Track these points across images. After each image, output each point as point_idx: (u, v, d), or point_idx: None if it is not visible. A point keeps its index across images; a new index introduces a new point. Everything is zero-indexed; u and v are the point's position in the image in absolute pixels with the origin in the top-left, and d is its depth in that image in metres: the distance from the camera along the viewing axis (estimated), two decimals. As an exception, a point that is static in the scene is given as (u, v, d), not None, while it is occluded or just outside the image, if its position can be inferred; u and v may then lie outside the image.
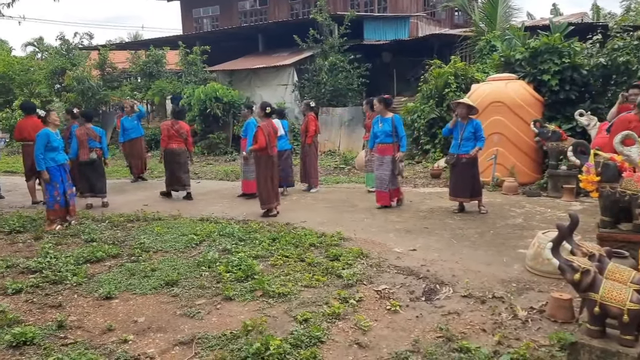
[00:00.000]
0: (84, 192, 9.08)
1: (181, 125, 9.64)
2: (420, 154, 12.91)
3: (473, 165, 7.59)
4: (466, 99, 8.18)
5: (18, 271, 5.62)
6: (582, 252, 3.43)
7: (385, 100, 8.10)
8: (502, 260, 5.48)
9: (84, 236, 6.90)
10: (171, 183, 9.68)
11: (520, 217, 7.27)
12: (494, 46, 13.61)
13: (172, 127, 9.52)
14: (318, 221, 7.44)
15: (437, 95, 12.51)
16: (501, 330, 3.87)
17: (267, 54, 19.12)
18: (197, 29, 26.58)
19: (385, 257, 5.69)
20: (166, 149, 9.54)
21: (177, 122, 9.62)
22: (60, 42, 21.94)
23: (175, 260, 5.79)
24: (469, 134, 7.51)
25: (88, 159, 8.85)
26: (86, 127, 8.98)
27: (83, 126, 9.01)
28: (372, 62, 17.38)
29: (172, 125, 9.55)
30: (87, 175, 9.02)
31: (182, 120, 9.88)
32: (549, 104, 9.79)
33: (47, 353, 3.73)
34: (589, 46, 10.62)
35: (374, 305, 4.45)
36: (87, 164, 8.91)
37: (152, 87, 18.38)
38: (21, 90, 21.79)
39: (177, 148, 9.54)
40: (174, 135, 9.48)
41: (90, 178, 9.04)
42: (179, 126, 9.57)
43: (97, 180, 9.11)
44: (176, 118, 9.79)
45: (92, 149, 8.92)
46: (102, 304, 4.69)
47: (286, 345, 3.61)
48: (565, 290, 4.32)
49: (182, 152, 9.61)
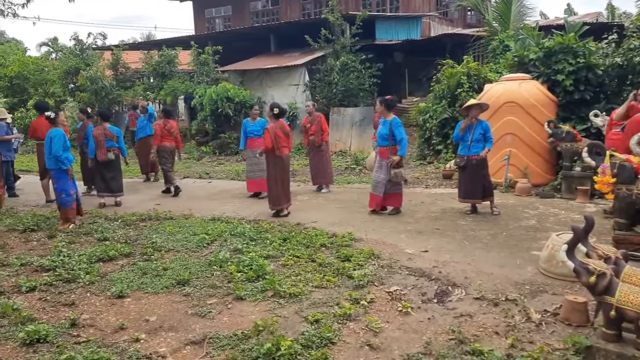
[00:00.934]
0: (100, 192, 9.18)
1: (172, 124, 10.23)
2: (432, 154, 12.84)
3: (483, 166, 7.52)
4: (474, 100, 8.11)
5: (32, 269, 5.67)
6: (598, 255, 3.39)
7: (386, 101, 7.74)
8: (515, 262, 5.43)
9: (96, 235, 6.95)
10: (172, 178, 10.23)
11: (533, 219, 7.20)
12: (507, 46, 13.50)
13: (165, 126, 10.06)
14: (329, 221, 7.43)
15: (450, 96, 12.44)
16: (514, 333, 3.83)
17: (278, 54, 19.13)
18: (210, 29, 26.68)
19: (396, 258, 5.66)
20: (159, 147, 10.02)
21: (168, 121, 10.22)
22: (74, 42, 22.16)
23: (187, 259, 5.81)
24: (478, 136, 7.45)
25: (106, 158, 8.95)
26: (103, 127, 9.05)
27: (100, 126, 9.10)
28: (384, 62, 17.32)
29: (164, 125, 10.08)
30: (104, 174, 9.08)
31: (172, 120, 10.45)
32: (563, 105, 9.69)
33: (59, 351, 3.75)
34: (604, 46, 10.50)
35: (385, 306, 4.43)
36: (105, 164, 9.00)
37: (164, 87, 18.46)
38: (36, 90, 22.00)
39: (168, 146, 10.12)
40: (166, 134, 10.05)
41: (107, 177, 9.10)
42: (170, 125, 10.14)
43: (114, 180, 9.22)
44: (167, 117, 10.32)
45: (109, 149, 9.01)
46: (115, 302, 4.72)
47: (297, 346, 3.60)
48: (580, 293, 4.27)
49: (172, 150, 10.24)
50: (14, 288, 5.11)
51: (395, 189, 7.78)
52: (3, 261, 5.92)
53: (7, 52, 26.70)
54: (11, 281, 5.31)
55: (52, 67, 23.07)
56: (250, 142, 9.46)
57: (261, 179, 9.26)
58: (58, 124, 7.59)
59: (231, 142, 16.28)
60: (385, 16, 19.59)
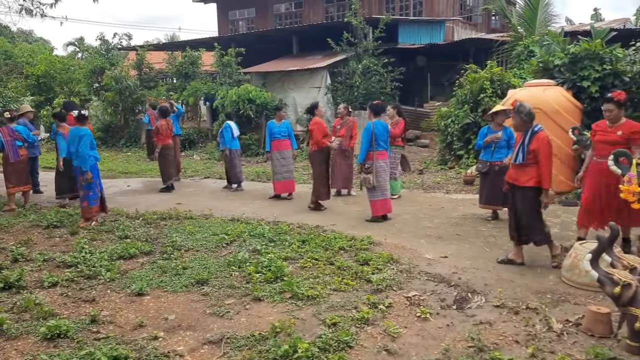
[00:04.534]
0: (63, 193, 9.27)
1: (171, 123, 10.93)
2: (453, 159, 12.74)
3: (505, 172, 7.42)
4: (501, 106, 8.02)
5: (54, 265, 5.77)
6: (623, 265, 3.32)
7: (371, 107, 7.74)
8: (536, 271, 5.35)
9: (118, 232, 7.05)
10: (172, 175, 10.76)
11: (556, 227, 7.08)
12: (532, 51, 13.32)
13: (168, 125, 10.62)
14: (348, 225, 7.41)
15: (472, 101, 12.32)
16: (535, 342, 3.77)
17: (301, 57, 19.18)
18: (233, 30, 26.87)
19: (415, 263, 5.62)
20: (163, 146, 10.53)
21: (169, 121, 10.80)
22: (100, 42, 22.52)
23: (206, 259, 5.85)
24: (502, 142, 7.37)
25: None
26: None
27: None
28: (406, 66, 17.23)
29: (168, 124, 10.63)
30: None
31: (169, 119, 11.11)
32: (589, 112, 9.52)
33: (79, 346, 3.80)
34: (631, 53, 10.30)
35: (403, 311, 4.40)
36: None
37: (187, 88, 18.65)
38: (61, 89, 22.36)
39: (171, 144, 10.81)
40: (169, 134, 10.66)
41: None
42: (172, 125, 10.84)
43: None
44: (164, 117, 10.75)
45: None
46: (134, 300, 4.77)
47: (314, 349, 3.59)
48: (603, 303, 4.18)
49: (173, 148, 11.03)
50: (36, 283, 5.21)
51: (370, 196, 7.70)
52: (26, 256, 6.03)
53: (34, 51, 27.22)
54: (34, 276, 5.41)
55: (78, 66, 23.44)
56: (276, 144, 9.49)
57: (288, 180, 9.42)
58: (84, 124, 7.74)
59: (252, 143, 16.36)
60: (408, 20, 19.50)
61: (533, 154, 5.20)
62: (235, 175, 10.57)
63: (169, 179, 10.60)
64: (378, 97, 15.87)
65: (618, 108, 5.54)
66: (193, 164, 14.83)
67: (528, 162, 5.24)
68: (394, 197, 8.77)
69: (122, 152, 18.34)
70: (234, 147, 10.52)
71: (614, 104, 5.53)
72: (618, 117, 5.59)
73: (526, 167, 5.28)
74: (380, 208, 7.66)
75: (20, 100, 20.38)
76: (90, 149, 7.56)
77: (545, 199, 5.22)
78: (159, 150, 10.55)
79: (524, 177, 5.31)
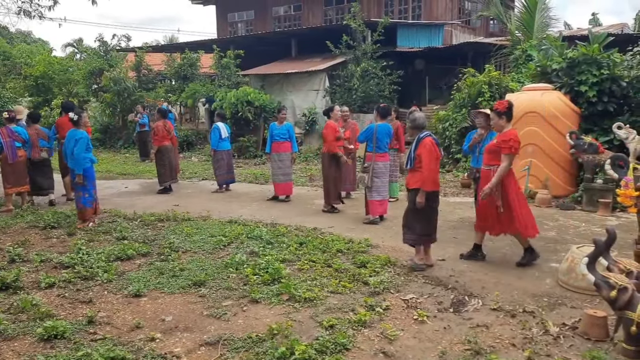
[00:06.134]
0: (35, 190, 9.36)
1: (169, 124, 10.89)
2: (451, 162, 12.76)
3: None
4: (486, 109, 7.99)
5: (51, 266, 5.76)
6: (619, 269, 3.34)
7: (378, 109, 7.80)
8: (533, 274, 5.36)
9: (115, 234, 7.04)
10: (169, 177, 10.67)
11: (553, 231, 7.10)
12: (530, 56, 13.37)
13: (165, 127, 10.55)
14: (346, 227, 7.42)
15: (470, 104, 12.35)
16: (531, 345, 3.78)
17: (299, 59, 19.20)
18: (232, 33, 26.87)
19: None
20: (160, 147, 10.46)
21: (166, 122, 10.72)
22: (99, 43, 22.51)
23: (204, 260, 5.85)
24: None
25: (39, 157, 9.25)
26: (35, 127, 9.36)
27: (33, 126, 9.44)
28: (405, 69, 17.28)
29: (164, 125, 10.57)
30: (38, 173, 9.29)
31: (168, 120, 11.14)
32: (586, 116, 9.56)
33: (76, 347, 3.80)
34: (629, 58, 10.34)
35: (400, 314, 4.40)
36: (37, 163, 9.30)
37: (186, 90, 18.66)
38: (60, 90, 22.32)
39: (169, 145, 10.70)
40: (166, 135, 10.57)
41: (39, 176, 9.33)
42: (168, 126, 10.74)
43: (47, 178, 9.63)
44: (163, 117, 10.83)
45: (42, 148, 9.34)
46: (131, 301, 4.76)
47: (311, 351, 3.60)
48: (600, 307, 4.19)
49: (172, 149, 10.95)
50: (33, 284, 5.20)
51: (369, 196, 7.74)
52: (24, 257, 6.03)
53: (33, 52, 27.21)
54: (31, 277, 5.40)
55: (76, 67, 23.42)
56: (277, 146, 9.50)
57: (287, 183, 9.42)
58: (81, 126, 7.74)
59: (250, 145, 16.37)
60: (407, 23, 19.54)
61: (418, 158, 5.50)
62: (218, 177, 10.61)
63: (165, 181, 10.60)
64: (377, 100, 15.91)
65: (499, 117, 5.54)
66: (191, 166, 14.84)
67: (416, 166, 5.54)
68: (392, 200, 8.78)
69: (120, 154, 18.34)
70: (222, 148, 10.48)
71: (495, 114, 5.58)
72: (500, 126, 5.59)
73: (415, 171, 5.58)
74: (378, 208, 7.72)
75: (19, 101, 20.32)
76: (86, 152, 7.56)
77: (420, 198, 5.43)
78: (155, 152, 10.55)
79: (412, 180, 5.61)
